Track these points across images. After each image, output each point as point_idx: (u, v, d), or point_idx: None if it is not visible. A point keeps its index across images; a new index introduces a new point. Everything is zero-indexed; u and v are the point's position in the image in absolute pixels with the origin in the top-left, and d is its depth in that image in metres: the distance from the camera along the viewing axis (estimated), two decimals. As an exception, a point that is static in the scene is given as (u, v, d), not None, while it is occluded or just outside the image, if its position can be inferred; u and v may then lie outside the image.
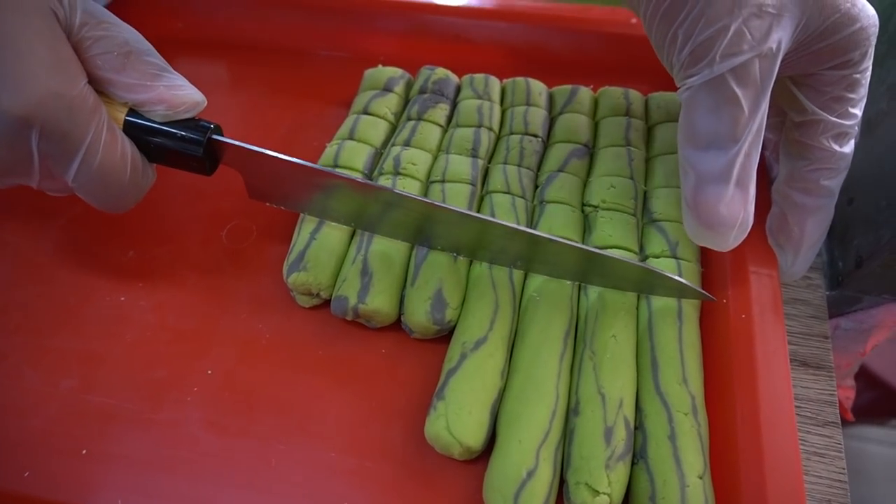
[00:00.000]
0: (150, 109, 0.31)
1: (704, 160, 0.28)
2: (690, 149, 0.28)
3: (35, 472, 0.32)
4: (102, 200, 0.33)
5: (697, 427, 0.30)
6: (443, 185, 0.39)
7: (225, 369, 0.36)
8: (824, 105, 0.30)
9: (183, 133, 0.32)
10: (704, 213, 0.29)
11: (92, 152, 0.30)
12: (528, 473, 0.29)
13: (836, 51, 0.29)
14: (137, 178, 0.33)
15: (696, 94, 0.27)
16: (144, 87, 0.31)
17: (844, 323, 0.42)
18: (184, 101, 0.32)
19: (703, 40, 0.26)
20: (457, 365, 0.32)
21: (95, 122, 0.30)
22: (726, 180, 0.28)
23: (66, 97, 0.29)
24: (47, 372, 0.36)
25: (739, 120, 0.27)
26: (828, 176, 0.32)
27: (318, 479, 0.32)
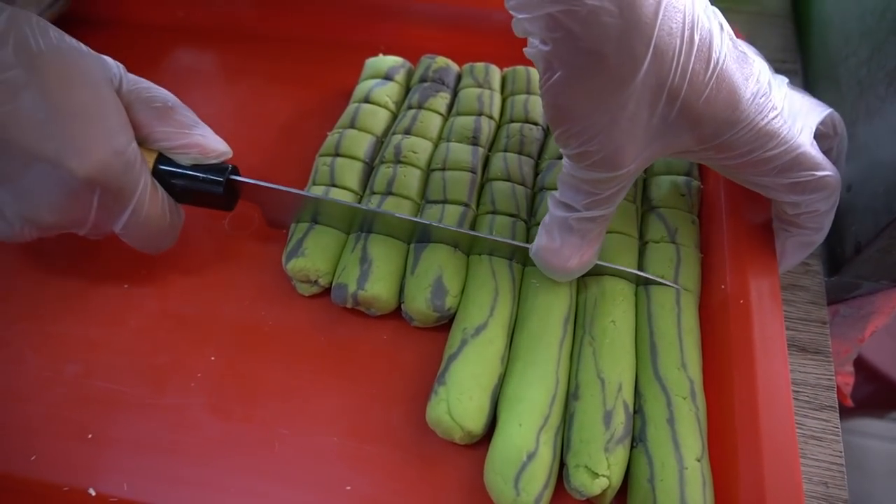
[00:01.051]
0: (183, 153, 0.34)
1: (558, 211, 0.32)
2: (552, 199, 0.32)
3: (41, 455, 0.33)
4: (145, 244, 0.36)
5: (696, 411, 0.30)
6: (443, 173, 0.40)
7: (228, 355, 0.36)
8: (756, 175, 0.31)
9: (205, 175, 0.35)
10: (543, 247, 0.33)
11: (141, 204, 0.33)
12: (529, 456, 0.29)
13: (727, 147, 0.29)
14: (175, 221, 0.36)
15: (565, 176, 0.31)
16: (183, 134, 0.34)
17: (843, 309, 0.43)
18: (214, 149, 0.35)
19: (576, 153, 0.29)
20: (457, 350, 0.33)
21: (143, 176, 0.33)
22: (567, 232, 0.32)
23: (124, 155, 0.32)
24: (52, 358, 0.36)
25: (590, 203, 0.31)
26: (808, 217, 0.32)
27: (320, 462, 0.32)
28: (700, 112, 0.28)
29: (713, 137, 0.29)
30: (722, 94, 0.28)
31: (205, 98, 0.50)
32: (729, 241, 0.35)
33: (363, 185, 0.40)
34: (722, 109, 0.28)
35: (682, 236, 0.36)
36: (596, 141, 0.28)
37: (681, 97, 0.27)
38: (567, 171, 0.31)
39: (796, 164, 0.30)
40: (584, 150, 0.29)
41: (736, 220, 0.36)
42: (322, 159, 0.41)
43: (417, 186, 0.39)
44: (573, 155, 0.29)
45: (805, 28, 0.52)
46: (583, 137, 0.28)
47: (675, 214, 0.37)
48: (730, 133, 0.29)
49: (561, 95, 0.28)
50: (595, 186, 0.30)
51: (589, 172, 0.29)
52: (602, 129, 0.28)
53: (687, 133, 0.29)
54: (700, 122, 0.28)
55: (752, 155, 0.30)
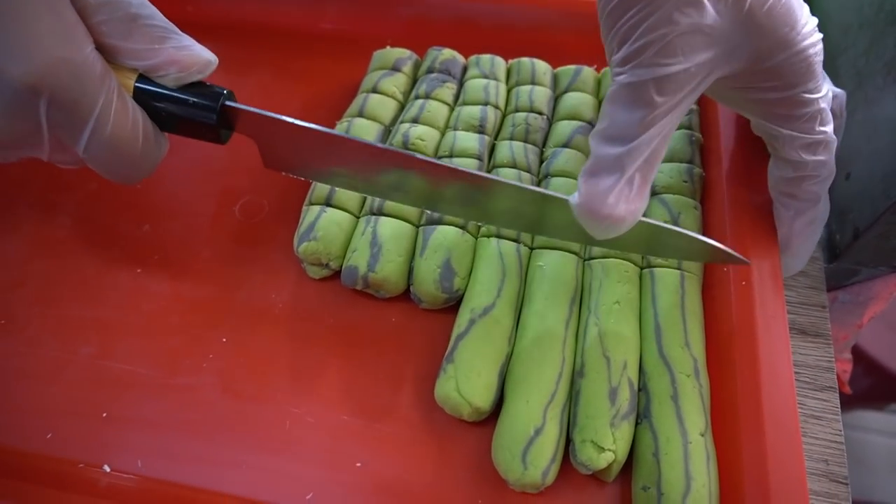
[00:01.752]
0: (161, 74, 0.30)
1: (605, 149, 0.29)
2: (598, 136, 0.29)
3: (57, 434, 0.33)
4: (115, 171, 0.32)
5: (699, 388, 0.31)
6: (451, 161, 0.40)
7: (239, 337, 0.37)
8: (782, 121, 0.31)
9: (195, 100, 0.31)
10: (590, 196, 0.29)
11: (103, 121, 0.29)
12: (536, 431, 0.30)
13: (773, 74, 0.30)
14: (150, 148, 0.32)
15: (618, 90, 0.28)
16: (153, 51, 0.30)
17: (842, 296, 0.43)
18: (195, 62, 0.30)
19: (636, 47, 0.28)
20: (466, 330, 0.33)
21: (105, 89, 0.29)
22: (618, 172, 0.28)
23: (73, 63, 0.28)
24: (67, 340, 0.37)
25: (644, 122, 0.28)
26: (809, 182, 0.33)
27: (331, 440, 0.33)
28: (762, 21, 0.28)
29: (769, 56, 0.29)
30: (783, 8, 0.28)
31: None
32: (730, 225, 0.36)
33: (372, 172, 0.41)
34: (781, 25, 0.28)
35: (684, 221, 0.37)
36: (660, 29, 0.27)
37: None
38: (621, 83, 0.28)
39: (821, 117, 0.30)
40: (646, 41, 0.27)
41: (737, 205, 0.36)
42: (331, 147, 0.42)
43: (425, 173, 0.40)
44: (633, 51, 0.27)
45: (804, 22, 0.53)
46: (647, 25, 0.27)
47: (677, 200, 0.38)
48: (784, 55, 0.29)
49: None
50: (657, 91, 0.27)
51: (648, 70, 0.27)
52: (668, 15, 0.27)
53: (746, 44, 0.28)
54: (761, 31, 0.28)
55: (794, 90, 0.30)
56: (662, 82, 0.28)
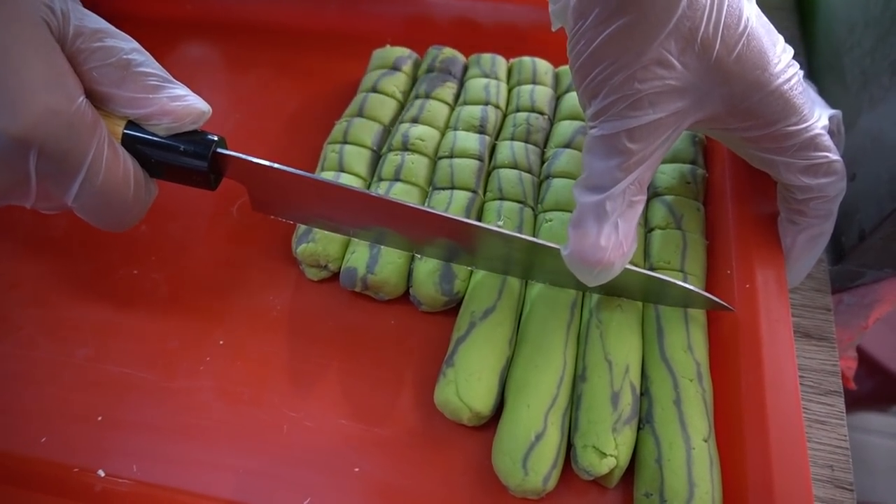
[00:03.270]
0: (153, 123, 0.30)
1: (586, 197, 0.29)
2: (580, 187, 0.30)
3: (52, 437, 0.33)
4: (104, 220, 0.31)
5: (702, 393, 0.31)
6: (451, 161, 0.40)
7: (236, 340, 0.36)
8: (771, 152, 0.31)
9: (186, 147, 0.30)
10: (577, 243, 0.29)
11: (94, 171, 0.28)
12: (537, 436, 0.29)
13: (752, 114, 0.29)
14: (140, 196, 0.31)
15: (593, 142, 0.29)
16: (147, 100, 0.29)
17: (847, 298, 0.43)
18: (189, 112, 0.30)
19: (606, 103, 0.28)
20: (466, 333, 0.33)
21: (96, 139, 0.28)
22: (601, 219, 0.29)
23: (64, 114, 0.27)
24: (62, 342, 0.36)
25: (620, 170, 0.28)
26: (816, 203, 0.32)
27: (328, 445, 0.33)
28: (731, 69, 0.28)
29: (742, 99, 0.29)
30: (752, 53, 0.28)
31: (212, 89, 0.50)
32: (734, 227, 0.35)
33: (371, 172, 0.41)
34: (752, 69, 0.28)
35: (687, 223, 0.37)
36: (626, 85, 0.27)
37: (714, 50, 0.27)
38: (594, 136, 0.29)
39: (813, 144, 0.30)
40: (614, 98, 0.28)
41: (741, 206, 0.36)
42: (330, 146, 0.41)
43: (425, 174, 0.40)
44: (604, 107, 0.28)
45: (808, 19, 0.52)
46: (614, 83, 0.27)
47: (680, 201, 0.37)
48: (758, 96, 0.29)
49: (593, 42, 0.27)
50: (629, 139, 0.28)
51: (621, 122, 0.28)
52: (633, 71, 0.27)
53: (718, 91, 0.29)
54: (731, 79, 0.28)
55: (775, 126, 0.30)
56: (633, 133, 0.28)
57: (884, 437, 0.86)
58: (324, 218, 0.35)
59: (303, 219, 0.36)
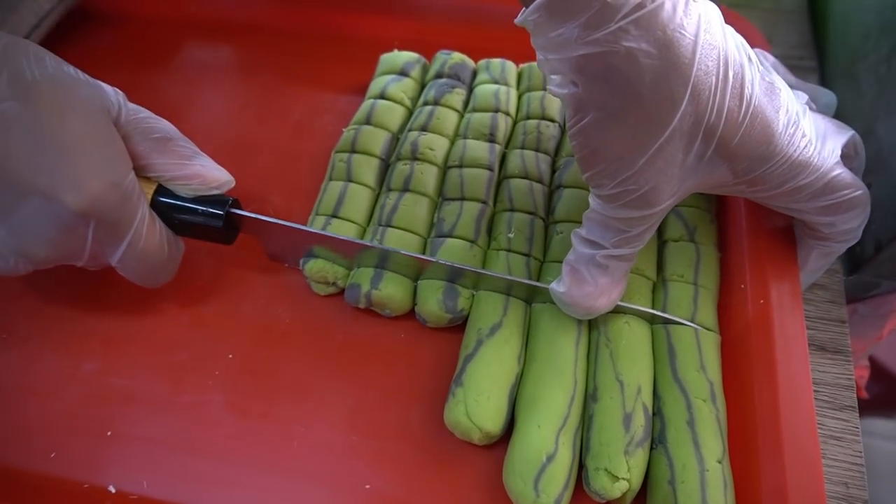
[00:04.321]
0: (184, 184, 0.33)
1: (584, 248, 0.31)
2: (578, 237, 0.31)
3: (61, 453, 0.33)
4: (142, 278, 0.34)
5: (716, 413, 0.30)
6: (461, 170, 0.39)
7: (245, 353, 0.36)
8: (789, 202, 0.31)
9: (204, 209, 0.34)
10: (571, 287, 0.31)
11: (138, 236, 0.32)
12: (548, 458, 0.29)
13: (761, 181, 0.29)
14: (173, 254, 0.35)
15: (595, 214, 0.30)
16: (184, 165, 0.33)
17: (861, 308, 0.42)
18: (216, 178, 0.34)
19: (610, 193, 0.29)
20: (473, 351, 0.33)
21: (141, 207, 0.32)
22: (598, 271, 0.31)
23: (121, 187, 0.30)
24: (69, 355, 0.36)
25: (619, 241, 0.30)
26: (840, 233, 0.32)
27: (339, 461, 0.32)
28: (735, 150, 0.28)
29: (747, 172, 0.29)
30: (756, 130, 0.27)
31: (218, 94, 0.50)
32: (748, 240, 0.35)
33: (380, 181, 0.40)
34: (756, 146, 0.28)
35: (700, 235, 0.36)
36: (630, 181, 0.28)
37: (717, 136, 0.27)
38: (596, 209, 0.30)
39: (829, 188, 0.30)
40: (617, 192, 0.28)
41: (755, 219, 0.35)
42: (338, 155, 0.41)
43: (434, 184, 0.39)
44: (605, 196, 0.29)
45: (822, 24, 0.52)
46: (617, 178, 0.28)
47: (693, 213, 0.37)
48: (764, 168, 0.28)
49: (593, 138, 0.27)
50: (626, 224, 0.29)
51: (620, 211, 0.29)
52: (637, 170, 0.27)
53: (721, 169, 0.29)
54: (735, 158, 0.28)
55: (785, 186, 0.29)
56: (631, 222, 0.29)
57: (890, 441, 0.85)
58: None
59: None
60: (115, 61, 0.52)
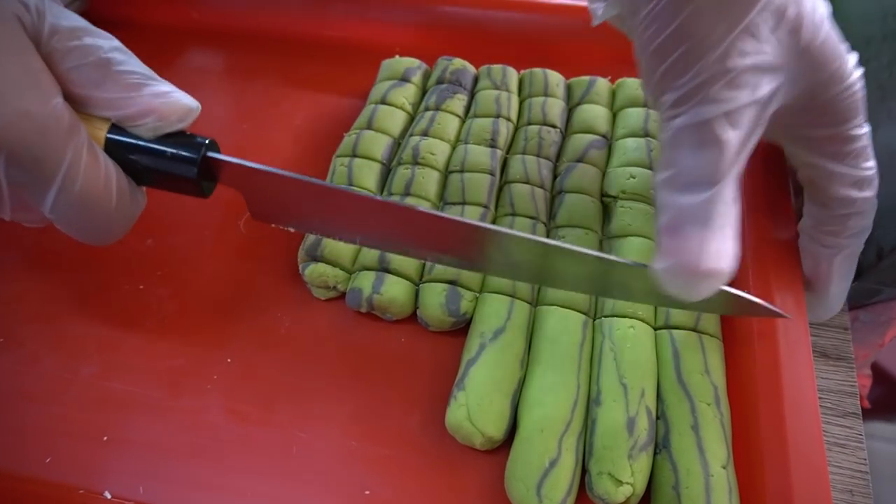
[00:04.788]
0: (137, 124, 0.27)
1: (684, 199, 0.26)
2: (669, 188, 0.26)
3: (56, 458, 0.32)
4: (85, 232, 0.29)
5: (720, 417, 0.30)
6: (462, 175, 0.39)
7: (244, 358, 0.36)
8: (829, 157, 0.30)
9: (174, 151, 0.28)
10: (680, 254, 0.25)
11: (71, 178, 0.26)
12: (551, 463, 0.29)
13: (826, 109, 0.29)
14: (125, 205, 0.28)
15: (680, 133, 0.26)
16: (128, 99, 0.27)
17: (863, 315, 0.42)
18: (175, 110, 0.28)
19: (695, 84, 0.26)
20: (476, 355, 0.32)
21: (73, 143, 0.26)
22: (707, 222, 0.25)
23: (37, 116, 0.25)
24: (67, 359, 0.36)
25: (722, 163, 0.26)
26: (856, 219, 0.32)
27: (338, 466, 0.32)
28: (817, 54, 0.27)
29: (825, 89, 0.28)
30: (832, 42, 0.27)
31: (219, 100, 0.50)
32: (752, 245, 0.35)
33: (381, 186, 0.40)
34: (833, 58, 0.28)
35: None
36: (721, 63, 0.25)
37: (801, 29, 0.26)
38: (681, 124, 0.26)
39: (866, 153, 0.30)
40: (707, 76, 0.25)
41: (758, 226, 0.35)
42: (339, 160, 0.41)
43: (435, 188, 0.39)
44: (693, 87, 0.25)
45: (823, 32, 0.52)
46: (705, 60, 0.25)
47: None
48: (838, 89, 0.28)
49: (677, 17, 0.25)
50: (730, 123, 0.25)
51: (715, 105, 0.25)
52: (728, 48, 0.25)
53: (805, 78, 0.28)
54: (816, 64, 0.27)
55: (844, 126, 0.29)
56: (733, 117, 0.25)
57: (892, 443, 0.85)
58: (327, 225, 0.33)
59: (305, 227, 0.34)
60: (115, 66, 0.52)
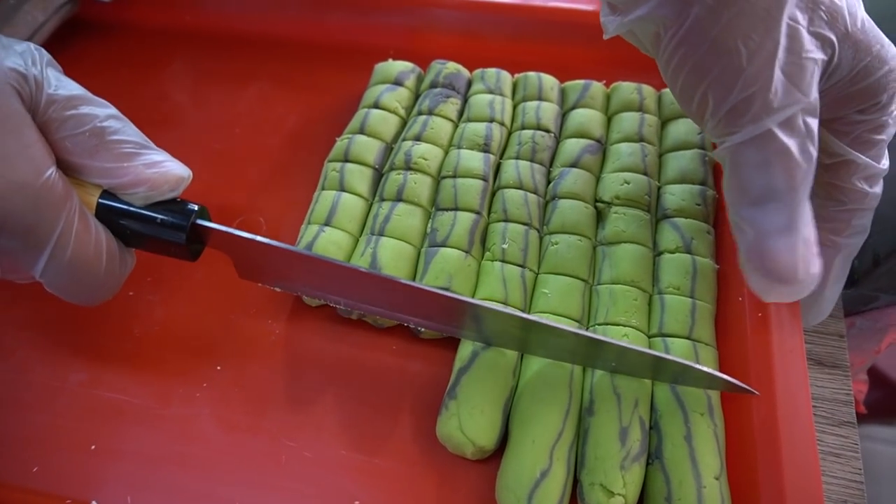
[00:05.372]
0: (129, 192, 0.28)
1: (764, 216, 0.26)
2: (745, 206, 0.27)
3: (43, 467, 0.32)
4: (74, 295, 0.29)
5: (714, 427, 0.30)
6: (454, 181, 0.39)
7: (234, 365, 0.35)
8: (855, 147, 0.30)
9: (164, 217, 0.28)
10: (776, 268, 0.26)
11: (62, 246, 0.26)
12: (542, 473, 0.28)
13: (866, 94, 0.28)
14: (114, 269, 0.29)
15: (741, 151, 0.26)
16: (120, 169, 0.27)
17: (859, 322, 0.42)
18: (167, 180, 0.28)
19: (745, 96, 0.25)
20: (468, 364, 0.32)
21: (66, 212, 0.26)
22: (792, 232, 0.26)
23: (30, 188, 0.25)
24: (55, 366, 0.35)
25: (794, 171, 0.26)
26: (859, 216, 0.31)
27: (328, 476, 0.32)
28: (860, 38, 0.27)
29: (867, 73, 0.27)
30: (870, 25, 0.27)
31: (211, 103, 0.49)
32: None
33: (373, 191, 0.40)
34: (874, 41, 0.27)
35: (697, 247, 0.36)
36: (766, 71, 0.25)
37: (841, 15, 0.26)
38: (739, 141, 0.26)
39: (885, 147, 0.30)
40: (756, 89, 0.25)
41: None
42: (331, 164, 0.41)
43: (428, 194, 0.39)
44: (743, 100, 0.25)
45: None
46: (748, 71, 0.25)
47: (690, 224, 0.36)
48: (881, 72, 0.27)
49: (711, 30, 0.25)
50: (790, 130, 0.25)
51: (772, 116, 0.25)
52: (770, 54, 0.25)
53: (848, 62, 0.27)
54: (859, 49, 0.27)
55: (885, 111, 0.29)
56: (788, 124, 0.25)
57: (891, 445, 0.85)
58: (311, 287, 0.34)
59: (290, 288, 0.35)
60: (109, 71, 0.51)
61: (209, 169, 0.44)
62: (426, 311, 0.32)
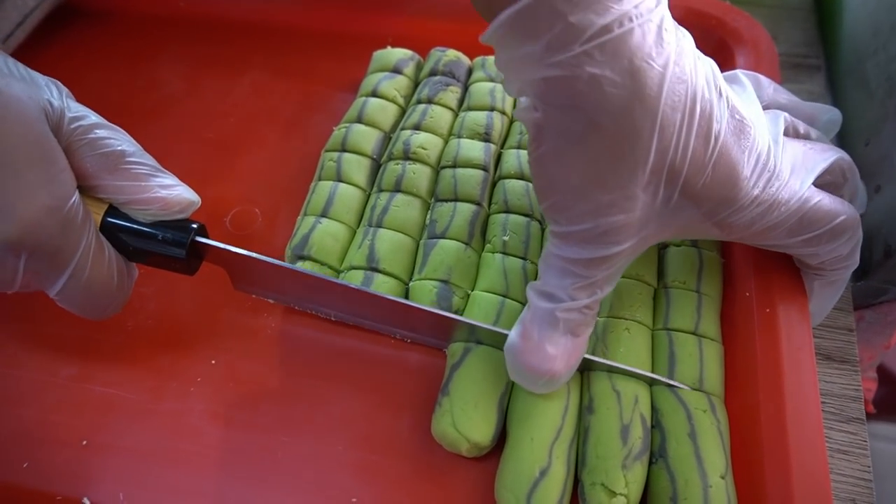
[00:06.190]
0: (141, 209, 0.29)
1: (540, 301, 0.28)
2: (534, 291, 0.28)
3: (34, 463, 0.32)
4: (87, 311, 0.30)
5: (717, 424, 0.29)
6: (454, 171, 0.38)
7: (229, 359, 0.35)
8: (762, 241, 0.29)
9: (166, 234, 0.30)
10: (523, 345, 0.28)
11: (81, 267, 0.28)
12: (541, 472, 0.28)
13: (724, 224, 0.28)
14: (123, 286, 0.30)
15: (551, 258, 0.28)
16: (139, 187, 0.28)
17: (869, 315, 0.41)
18: (179, 202, 0.29)
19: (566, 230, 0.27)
20: (460, 359, 0.31)
21: (86, 235, 0.27)
22: (553, 326, 0.28)
23: (59, 213, 0.26)
24: (46, 360, 0.35)
25: (579, 289, 0.27)
26: (831, 262, 0.30)
27: (324, 472, 0.31)
28: (699, 193, 0.26)
29: (712, 215, 0.27)
30: (721, 172, 0.26)
31: (206, 92, 0.49)
32: (754, 253, 0.33)
33: (371, 181, 0.39)
34: (721, 188, 0.26)
35: (703, 241, 0.35)
36: (588, 217, 0.26)
37: (682, 176, 0.25)
38: (552, 252, 0.28)
39: (806, 222, 0.28)
40: (574, 229, 0.26)
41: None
42: (328, 154, 0.40)
43: (427, 184, 0.38)
44: (562, 233, 0.27)
45: (829, 20, 0.50)
46: (573, 213, 0.26)
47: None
48: (729, 210, 0.27)
49: (552, 166, 0.26)
50: (585, 268, 0.27)
51: (579, 250, 0.27)
52: (595, 205, 0.25)
53: (687, 212, 0.27)
54: (699, 200, 0.26)
55: (755, 227, 0.28)
56: (592, 263, 0.27)
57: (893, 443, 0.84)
58: (303, 301, 0.35)
59: (283, 301, 0.36)
60: (100, 59, 0.50)
61: (204, 159, 0.43)
62: (415, 326, 0.33)
